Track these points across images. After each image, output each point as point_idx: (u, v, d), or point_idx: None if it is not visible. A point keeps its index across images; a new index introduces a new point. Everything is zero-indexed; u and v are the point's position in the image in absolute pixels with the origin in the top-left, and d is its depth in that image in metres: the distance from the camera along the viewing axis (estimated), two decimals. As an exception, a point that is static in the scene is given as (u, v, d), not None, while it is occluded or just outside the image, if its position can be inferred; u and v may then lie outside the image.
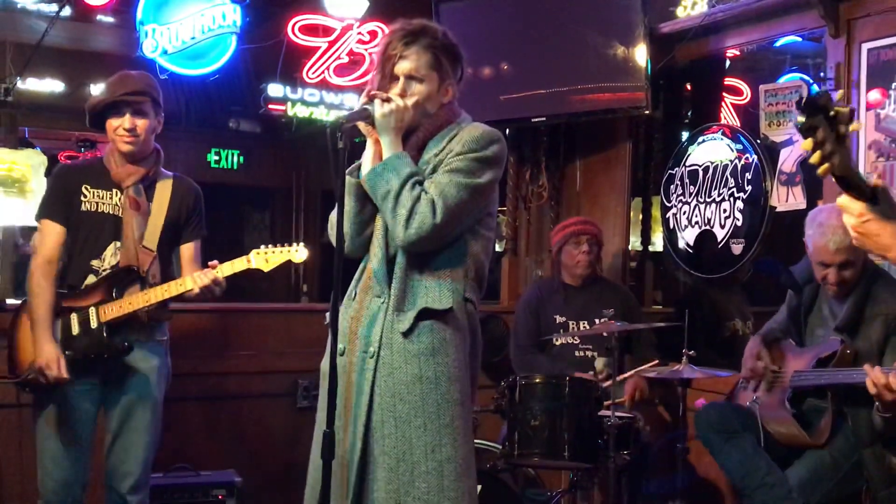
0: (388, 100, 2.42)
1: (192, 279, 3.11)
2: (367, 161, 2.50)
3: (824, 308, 3.35)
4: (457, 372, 2.42)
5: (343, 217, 2.31)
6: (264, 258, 3.10)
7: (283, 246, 3.18)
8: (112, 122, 3.15)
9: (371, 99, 2.43)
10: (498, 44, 4.85)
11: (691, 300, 4.67)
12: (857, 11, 3.80)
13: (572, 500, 3.68)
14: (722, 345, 4.42)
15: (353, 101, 6.30)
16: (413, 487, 2.34)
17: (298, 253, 3.08)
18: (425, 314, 2.40)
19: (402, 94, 2.46)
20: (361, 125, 2.46)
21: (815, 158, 1.69)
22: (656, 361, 3.94)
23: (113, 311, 3.08)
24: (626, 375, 3.86)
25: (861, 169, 3.74)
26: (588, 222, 4.38)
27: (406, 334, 2.39)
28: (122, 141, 3.15)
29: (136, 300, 3.08)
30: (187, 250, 3.29)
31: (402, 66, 2.48)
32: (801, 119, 1.69)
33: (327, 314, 2.36)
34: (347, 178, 2.48)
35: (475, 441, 3.76)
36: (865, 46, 3.76)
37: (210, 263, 3.14)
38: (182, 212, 3.27)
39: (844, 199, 1.77)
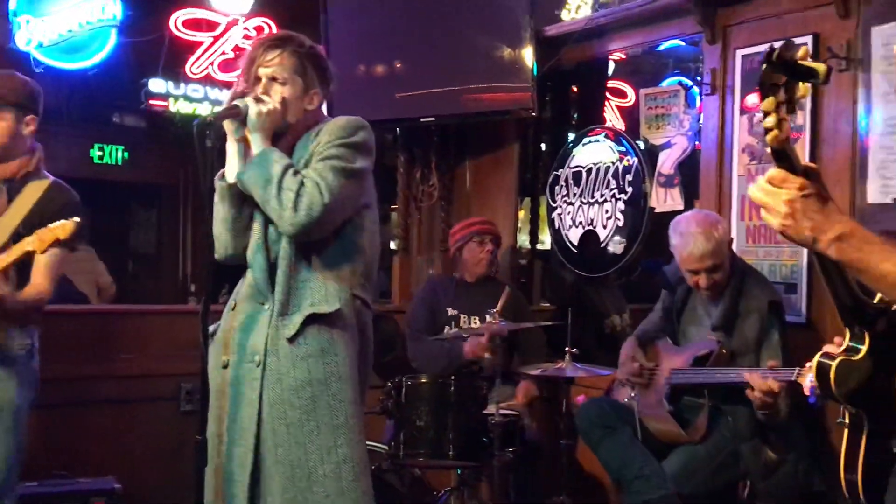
0: (260, 100, 2.41)
1: None
2: (234, 161, 2.47)
3: (698, 308, 3.46)
4: (347, 371, 2.41)
5: (217, 222, 2.28)
6: (38, 238, 2.94)
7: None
8: None
9: (242, 96, 2.41)
10: (390, 41, 4.84)
11: (574, 298, 4.77)
12: (732, 18, 3.92)
13: (461, 499, 3.71)
14: (603, 341, 4.54)
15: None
16: (311, 493, 2.32)
17: (64, 226, 2.90)
18: (312, 318, 2.38)
19: (265, 94, 2.46)
20: (227, 123, 2.43)
21: (770, 122, 1.50)
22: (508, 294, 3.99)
23: None
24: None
25: (734, 172, 3.87)
26: (491, 222, 4.48)
27: (292, 339, 2.37)
28: None
29: None
30: (40, 259, 3.04)
31: (266, 69, 2.48)
32: (767, 73, 1.50)
33: (211, 327, 2.34)
34: (218, 183, 2.45)
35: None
36: (740, 52, 3.88)
37: None
38: (44, 218, 3.10)
39: (781, 172, 1.54)
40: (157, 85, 5.36)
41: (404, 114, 4.87)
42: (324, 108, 2.71)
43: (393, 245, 5.54)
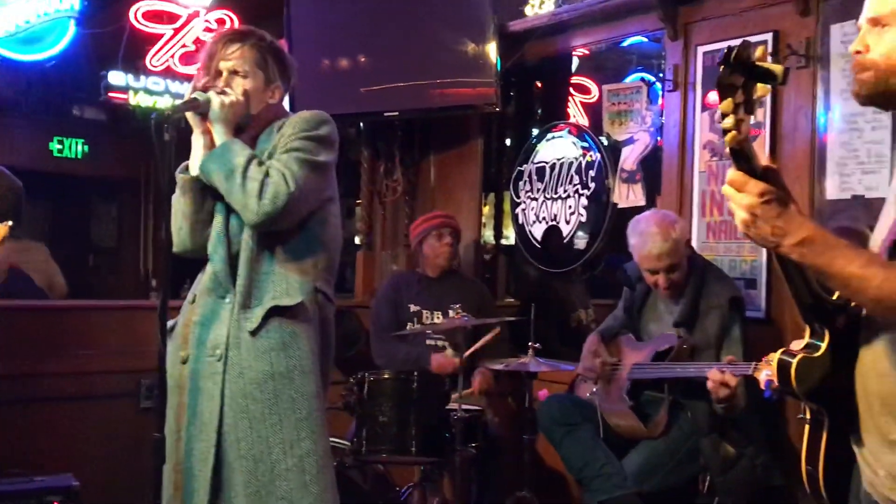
0: (223, 92, 2.41)
1: None
2: (198, 153, 2.46)
3: (659, 305, 3.49)
4: (310, 364, 2.41)
5: (177, 215, 2.27)
6: None
7: None
8: None
9: (204, 90, 2.40)
10: (354, 35, 4.82)
11: (538, 293, 4.79)
12: (693, 15, 3.95)
13: (422, 494, 3.71)
14: (568, 336, 4.56)
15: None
16: (275, 487, 2.31)
17: None
18: (274, 311, 2.37)
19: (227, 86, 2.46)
20: (190, 116, 2.42)
21: (728, 123, 1.49)
22: (496, 331, 3.99)
23: None
24: (470, 351, 3.91)
25: (695, 168, 3.90)
26: (450, 216, 4.48)
27: (254, 333, 2.35)
28: None
29: None
30: None
31: (227, 62, 2.48)
32: (725, 74, 1.48)
33: (170, 322, 2.31)
34: (179, 176, 2.44)
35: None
36: (701, 49, 3.91)
37: None
38: None
39: (741, 176, 1.52)
40: (116, 77, 5.26)
41: (368, 108, 4.85)
42: (286, 104, 2.70)
43: (357, 240, 5.52)
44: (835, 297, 1.67)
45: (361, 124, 5.23)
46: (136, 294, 8.89)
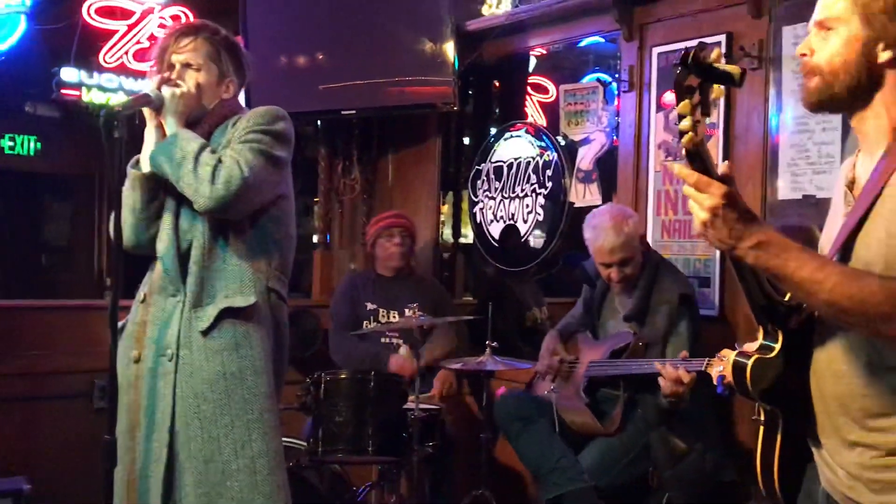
0: (176, 85, 2.40)
1: None
2: (149, 147, 2.44)
3: (616, 301, 3.52)
4: (262, 364, 2.40)
5: (125, 209, 2.26)
6: None
7: None
8: None
9: (159, 84, 2.39)
10: (311, 32, 4.80)
11: (496, 292, 4.81)
12: (648, 17, 3.99)
13: (380, 494, 3.71)
14: (526, 334, 4.59)
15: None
16: (225, 488, 2.29)
17: None
18: (227, 312, 2.35)
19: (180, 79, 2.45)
20: (146, 111, 2.42)
21: (685, 125, 1.49)
22: (451, 349, 4.02)
23: None
24: (426, 362, 3.92)
25: (650, 168, 3.94)
26: (400, 216, 4.46)
27: (205, 332, 2.33)
28: None
29: None
30: None
31: (179, 55, 2.47)
32: (682, 75, 1.49)
33: (121, 322, 2.29)
34: (131, 171, 2.42)
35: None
36: (656, 50, 3.96)
37: None
38: None
39: (704, 177, 1.51)
40: (69, 74, 5.17)
41: (326, 106, 4.83)
42: (241, 100, 2.68)
43: (315, 238, 5.50)
44: (787, 298, 1.69)
45: (319, 122, 5.21)
46: (90, 293, 8.75)
